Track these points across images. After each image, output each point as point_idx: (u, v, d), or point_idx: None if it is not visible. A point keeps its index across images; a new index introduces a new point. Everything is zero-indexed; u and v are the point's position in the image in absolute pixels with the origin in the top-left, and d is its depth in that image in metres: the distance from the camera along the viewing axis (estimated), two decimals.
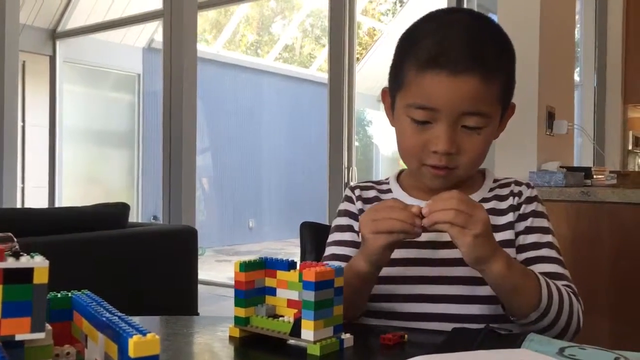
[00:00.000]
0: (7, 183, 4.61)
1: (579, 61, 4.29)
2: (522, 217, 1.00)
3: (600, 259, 2.14)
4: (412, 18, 0.99)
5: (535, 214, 1.00)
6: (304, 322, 0.74)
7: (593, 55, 4.27)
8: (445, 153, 0.91)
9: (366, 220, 0.87)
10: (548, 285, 0.89)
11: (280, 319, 0.78)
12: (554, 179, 2.32)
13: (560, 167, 2.46)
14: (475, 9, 4.70)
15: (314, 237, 1.27)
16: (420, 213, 0.84)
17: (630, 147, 4.46)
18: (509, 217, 1.00)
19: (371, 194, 1.08)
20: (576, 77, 4.00)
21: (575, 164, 3.29)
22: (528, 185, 1.04)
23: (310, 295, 0.74)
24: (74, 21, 6.43)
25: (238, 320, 0.81)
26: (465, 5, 4.09)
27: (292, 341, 0.77)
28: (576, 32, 3.73)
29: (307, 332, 0.74)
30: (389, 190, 1.07)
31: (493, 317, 0.94)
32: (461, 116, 0.90)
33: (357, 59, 5.36)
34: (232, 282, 0.84)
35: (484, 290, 0.93)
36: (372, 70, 9.06)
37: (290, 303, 0.79)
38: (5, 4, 4.59)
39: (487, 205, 0.98)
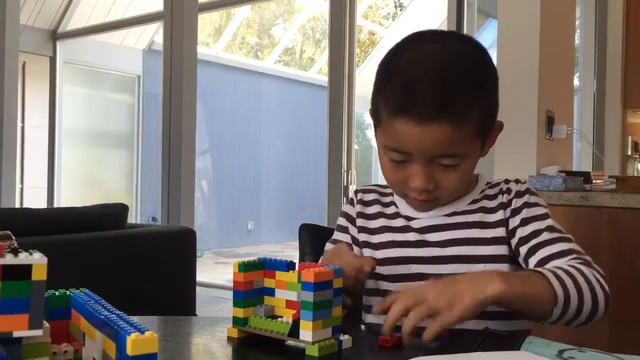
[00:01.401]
0: (6, 183, 4.60)
1: (578, 66, 4.30)
2: (516, 212, 1.00)
3: (599, 264, 2.13)
4: (412, 22, 0.99)
5: (527, 205, 1.00)
6: (302, 322, 0.74)
7: (593, 61, 4.28)
8: (423, 190, 0.94)
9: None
10: (555, 274, 0.85)
11: (279, 319, 0.78)
12: (553, 184, 2.32)
13: (560, 171, 2.46)
14: (476, 14, 4.71)
15: (312, 239, 1.27)
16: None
17: (629, 152, 4.47)
18: (499, 215, 1.01)
19: (371, 197, 1.11)
20: (576, 82, 4.01)
21: (575, 169, 3.29)
22: (517, 181, 1.04)
23: (309, 296, 0.74)
24: (74, 22, 6.43)
25: (237, 321, 0.81)
26: (466, 10, 4.10)
27: (290, 342, 0.77)
28: (576, 38, 3.74)
29: (306, 333, 0.74)
30: (391, 194, 1.10)
31: (486, 314, 0.93)
32: (435, 157, 0.92)
33: (357, 62, 5.37)
34: (231, 285, 0.84)
35: None
36: (372, 73, 9.06)
37: (289, 304, 0.79)
38: (6, 5, 4.59)
39: (476, 205, 1.02)
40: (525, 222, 0.99)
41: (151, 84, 7.62)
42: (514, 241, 0.99)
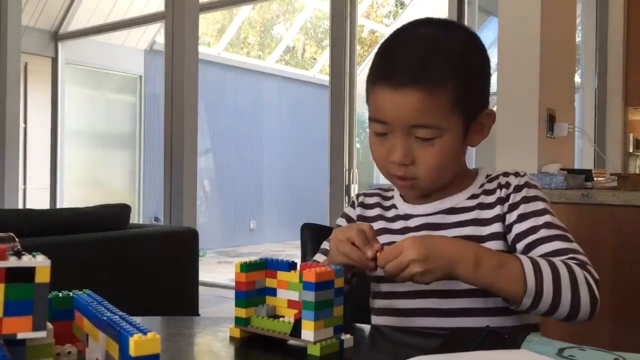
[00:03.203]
0: (8, 184, 4.62)
1: (579, 64, 4.29)
2: (513, 207, 0.99)
3: (600, 262, 2.13)
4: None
5: (526, 199, 0.99)
6: (304, 322, 0.74)
7: (594, 58, 4.27)
8: (400, 163, 0.95)
9: (336, 234, 0.93)
10: (536, 266, 0.87)
11: (281, 319, 0.79)
12: (554, 181, 2.32)
13: (561, 169, 2.46)
14: (477, 12, 4.70)
15: (314, 238, 1.27)
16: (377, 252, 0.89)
17: (630, 150, 4.46)
18: (497, 210, 1.00)
19: (373, 200, 1.12)
20: (577, 80, 4.00)
21: (576, 167, 3.29)
22: (516, 174, 1.03)
23: (310, 296, 0.74)
24: (76, 23, 6.44)
25: (239, 321, 0.81)
26: (466, 9, 4.10)
27: (292, 341, 0.77)
28: (577, 35, 3.73)
29: (308, 333, 0.74)
30: (392, 197, 1.10)
31: (492, 310, 0.95)
32: (411, 128, 0.93)
33: (359, 61, 5.37)
34: (233, 284, 0.84)
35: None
36: None
37: (291, 303, 0.79)
38: (8, 6, 4.60)
39: (475, 201, 1.01)
40: (522, 218, 0.97)
41: (153, 84, 7.63)
42: (510, 236, 0.98)
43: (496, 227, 0.99)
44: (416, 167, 0.95)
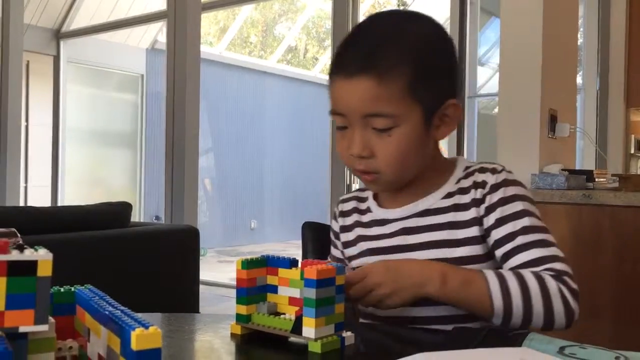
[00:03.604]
0: (10, 182, 4.62)
1: (581, 64, 4.29)
2: (490, 209, 0.94)
3: (601, 262, 2.14)
4: None
5: (503, 201, 0.94)
6: (305, 319, 0.74)
7: (596, 59, 4.28)
8: (359, 156, 0.92)
9: None
10: (503, 285, 0.86)
11: (282, 316, 0.79)
12: (555, 182, 2.32)
13: (562, 169, 2.46)
14: (479, 13, 4.70)
15: (315, 237, 1.27)
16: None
17: (632, 151, 4.46)
18: (472, 213, 0.96)
19: (350, 206, 1.10)
20: (579, 81, 4.00)
21: (577, 167, 3.29)
22: (493, 171, 0.98)
23: (311, 293, 0.74)
24: (78, 21, 6.45)
25: (240, 318, 0.81)
26: (468, 8, 4.10)
27: (293, 339, 0.77)
28: (579, 36, 3.73)
29: (309, 330, 0.74)
30: (367, 199, 1.08)
31: (462, 317, 0.93)
32: (367, 118, 0.91)
33: None
34: (234, 283, 0.84)
35: None
36: None
37: (292, 301, 0.79)
38: (10, 4, 4.60)
39: (450, 201, 0.98)
40: (499, 222, 0.93)
41: (154, 83, 7.64)
42: (489, 241, 0.95)
43: (473, 231, 0.95)
44: (376, 160, 0.92)
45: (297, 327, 0.76)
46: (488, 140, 4.53)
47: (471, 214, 0.96)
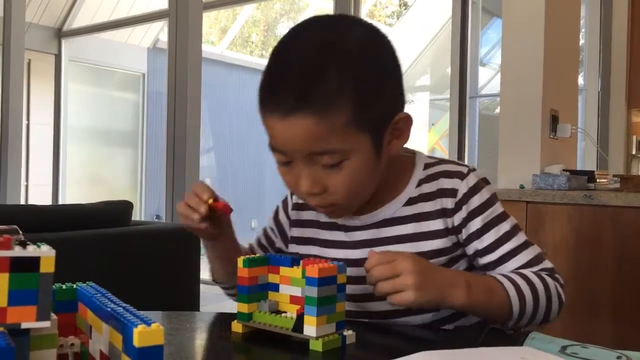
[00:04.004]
0: (11, 181, 4.62)
1: (583, 65, 4.29)
2: (469, 218, 0.91)
3: (603, 263, 2.13)
4: (417, 21, 0.97)
5: (482, 207, 0.91)
6: (306, 317, 0.74)
7: (597, 60, 4.27)
8: (308, 194, 0.85)
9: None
10: (518, 289, 0.87)
11: (283, 315, 0.79)
12: (557, 182, 2.32)
13: (564, 170, 2.46)
14: (480, 13, 4.69)
15: None
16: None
17: (633, 152, 4.46)
18: (439, 224, 0.91)
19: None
20: (580, 81, 4.00)
21: (579, 168, 3.29)
22: (461, 176, 0.92)
23: (313, 292, 0.74)
24: (79, 20, 6.45)
25: (241, 316, 0.81)
26: (470, 9, 4.10)
27: (294, 337, 0.77)
28: (581, 37, 3.73)
29: (310, 328, 0.74)
30: None
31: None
32: (312, 156, 0.82)
33: None
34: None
35: None
36: None
37: (293, 299, 0.79)
38: (12, 3, 4.61)
39: (412, 209, 0.93)
40: (482, 231, 0.91)
41: (156, 82, 7.64)
42: (470, 249, 0.92)
43: (438, 244, 0.91)
44: (329, 194, 0.85)
45: (298, 326, 0.76)
46: (489, 140, 4.52)
47: (437, 225, 0.92)
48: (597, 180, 2.62)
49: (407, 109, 0.91)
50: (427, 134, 8.81)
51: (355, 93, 0.81)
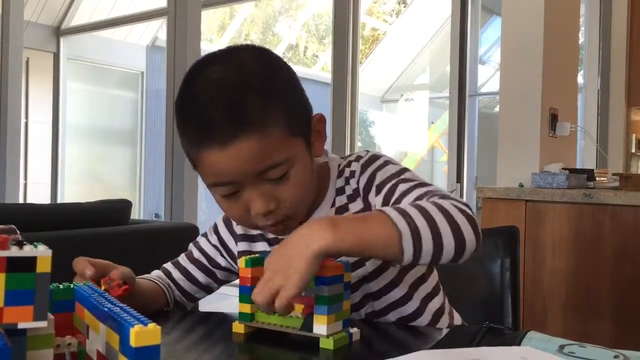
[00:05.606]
0: (9, 179, 4.62)
1: (582, 64, 4.29)
2: (369, 184, 0.93)
3: (602, 261, 2.13)
4: (415, 18, 0.97)
5: (376, 170, 0.93)
6: (316, 316, 0.75)
7: (597, 58, 4.27)
8: (266, 213, 0.86)
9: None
10: (400, 210, 0.78)
11: (292, 314, 0.79)
12: (556, 181, 2.32)
13: (563, 168, 2.46)
14: (479, 11, 4.69)
15: None
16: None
17: (633, 150, 4.46)
18: (356, 206, 0.94)
19: None
20: (580, 80, 4.00)
21: (578, 166, 3.29)
22: (358, 158, 0.96)
23: (323, 290, 0.75)
24: (78, 18, 6.44)
25: (243, 316, 0.81)
26: (470, 7, 4.09)
27: (300, 336, 0.77)
28: (580, 35, 3.73)
29: (320, 327, 0.75)
30: None
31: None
32: (260, 175, 0.84)
33: (361, 59, 5.36)
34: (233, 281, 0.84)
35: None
36: (376, 70, 9.06)
37: (296, 298, 0.79)
38: (10, 1, 4.60)
39: (334, 208, 0.95)
40: (381, 186, 0.91)
41: (155, 80, 7.63)
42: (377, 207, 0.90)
43: None
44: (282, 208, 0.87)
45: (306, 325, 0.76)
46: (489, 139, 4.52)
47: (356, 206, 0.94)
48: (597, 178, 2.62)
49: (406, 107, 0.92)
50: (426, 132, 8.81)
51: (280, 105, 0.85)
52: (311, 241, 0.73)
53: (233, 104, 0.82)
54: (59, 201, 5.78)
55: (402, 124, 9.08)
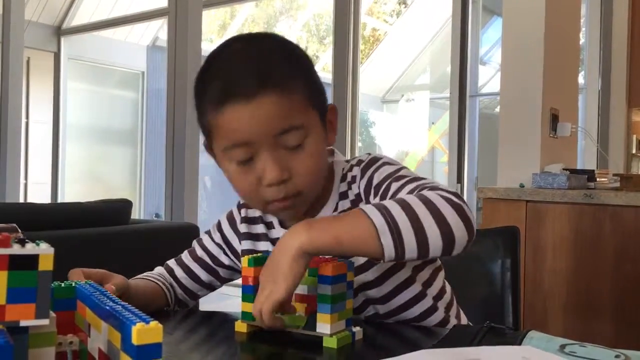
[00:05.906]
0: (10, 179, 4.62)
1: (583, 64, 4.29)
2: (368, 184, 0.92)
3: (602, 262, 2.13)
4: (416, 19, 0.97)
5: (374, 172, 0.92)
6: (320, 315, 0.75)
7: (598, 59, 4.27)
8: (279, 182, 0.86)
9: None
10: (378, 205, 0.76)
11: (297, 313, 0.79)
12: (557, 181, 2.32)
13: (564, 169, 2.46)
14: (480, 12, 4.69)
15: None
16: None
17: (634, 151, 4.46)
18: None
19: (257, 213, 1.03)
20: (581, 80, 4.00)
21: (579, 167, 3.29)
22: (359, 162, 0.96)
23: (327, 289, 0.75)
24: (78, 18, 6.44)
25: (246, 316, 0.81)
26: (470, 7, 4.09)
27: (302, 335, 0.77)
28: (581, 36, 3.73)
29: (324, 326, 0.75)
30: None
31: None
32: (277, 138, 0.85)
33: (362, 59, 5.36)
34: (234, 281, 0.84)
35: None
36: (377, 70, 9.06)
37: (298, 297, 0.79)
38: (11, 0, 4.60)
39: (338, 208, 0.95)
40: (376, 191, 0.90)
41: (155, 80, 7.63)
42: None
43: None
44: (295, 179, 0.87)
45: (310, 323, 0.77)
46: (489, 139, 4.52)
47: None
48: (597, 179, 2.62)
49: (406, 107, 0.92)
50: (427, 132, 8.81)
51: (305, 77, 0.90)
52: (289, 244, 0.75)
53: (259, 64, 0.86)
54: (59, 201, 5.78)
55: (402, 124, 9.07)
